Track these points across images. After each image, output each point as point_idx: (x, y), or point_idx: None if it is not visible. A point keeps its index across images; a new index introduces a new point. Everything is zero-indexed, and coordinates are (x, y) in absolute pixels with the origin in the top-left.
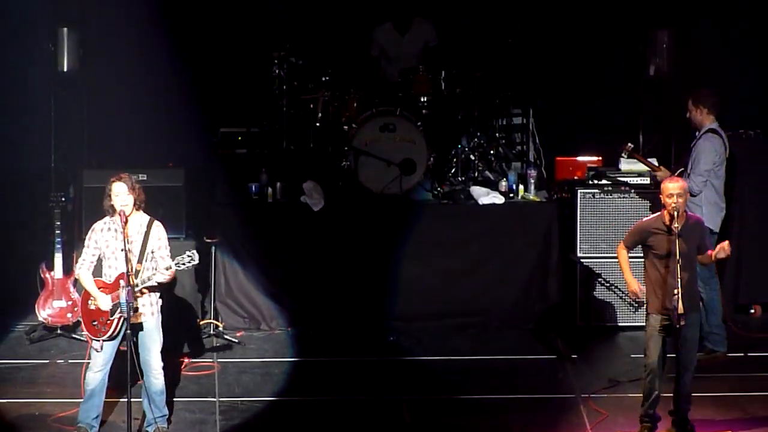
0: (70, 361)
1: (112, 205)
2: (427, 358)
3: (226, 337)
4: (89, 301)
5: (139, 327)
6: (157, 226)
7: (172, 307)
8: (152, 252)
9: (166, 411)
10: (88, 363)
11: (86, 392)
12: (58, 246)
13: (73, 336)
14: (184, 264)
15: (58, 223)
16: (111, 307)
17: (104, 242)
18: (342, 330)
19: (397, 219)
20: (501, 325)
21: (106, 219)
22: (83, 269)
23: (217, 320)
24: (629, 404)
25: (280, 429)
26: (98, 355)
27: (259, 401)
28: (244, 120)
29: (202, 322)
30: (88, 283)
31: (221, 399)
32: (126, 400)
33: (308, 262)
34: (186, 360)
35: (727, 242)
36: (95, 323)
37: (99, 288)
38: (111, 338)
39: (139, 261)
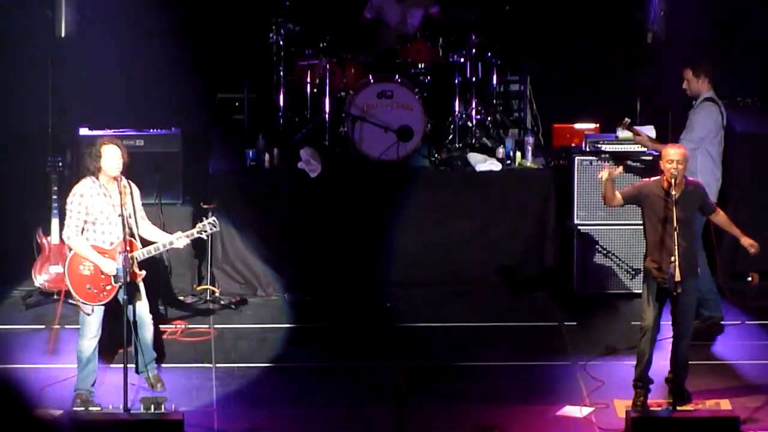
0: (66, 327)
1: (100, 167)
2: (424, 325)
3: (222, 303)
4: (81, 267)
5: (134, 286)
6: (134, 187)
7: (169, 273)
8: (133, 212)
9: (155, 354)
10: (78, 330)
11: (82, 360)
12: (55, 211)
13: (70, 302)
14: (205, 231)
15: (55, 188)
16: (116, 273)
17: (97, 209)
18: (338, 296)
19: (394, 186)
20: (497, 292)
21: (88, 183)
22: (77, 237)
23: (214, 286)
24: (626, 372)
25: (276, 395)
26: (91, 321)
27: (256, 367)
28: (241, 86)
29: (198, 288)
30: (87, 249)
31: (218, 365)
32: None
33: (305, 229)
34: (183, 326)
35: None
36: (90, 288)
37: (99, 254)
38: (110, 301)
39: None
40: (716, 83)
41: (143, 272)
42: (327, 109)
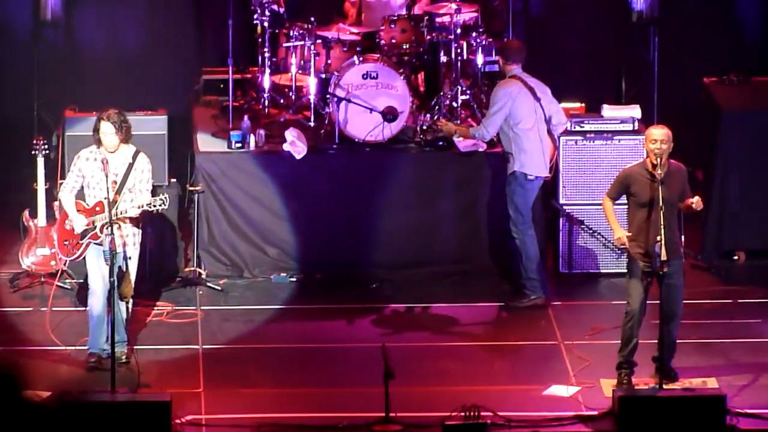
0: (53, 309)
1: (99, 140)
2: (410, 305)
3: (209, 284)
4: (66, 221)
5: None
6: (142, 159)
7: (156, 255)
8: (133, 185)
9: (126, 337)
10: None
11: (93, 318)
12: (41, 194)
13: (57, 284)
14: (155, 206)
15: (41, 171)
16: (83, 231)
17: (89, 172)
18: (324, 278)
19: (380, 167)
20: (483, 272)
21: (91, 147)
22: (65, 192)
23: (200, 268)
24: (611, 351)
25: (263, 376)
26: (94, 278)
27: (242, 348)
28: (226, 68)
29: (185, 270)
30: (69, 204)
31: (204, 346)
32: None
33: (291, 210)
34: (169, 308)
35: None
36: (67, 243)
37: (78, 210)
38: (77, 259)
39: (118, 192)
40: (707, 59)
41: (104, 236)
42: (312, 91)
